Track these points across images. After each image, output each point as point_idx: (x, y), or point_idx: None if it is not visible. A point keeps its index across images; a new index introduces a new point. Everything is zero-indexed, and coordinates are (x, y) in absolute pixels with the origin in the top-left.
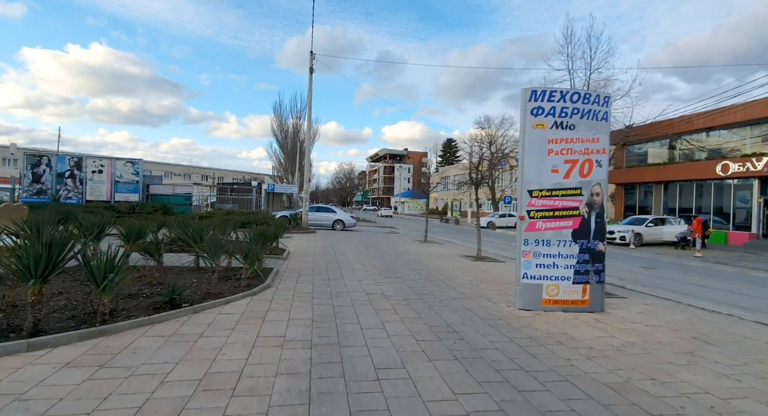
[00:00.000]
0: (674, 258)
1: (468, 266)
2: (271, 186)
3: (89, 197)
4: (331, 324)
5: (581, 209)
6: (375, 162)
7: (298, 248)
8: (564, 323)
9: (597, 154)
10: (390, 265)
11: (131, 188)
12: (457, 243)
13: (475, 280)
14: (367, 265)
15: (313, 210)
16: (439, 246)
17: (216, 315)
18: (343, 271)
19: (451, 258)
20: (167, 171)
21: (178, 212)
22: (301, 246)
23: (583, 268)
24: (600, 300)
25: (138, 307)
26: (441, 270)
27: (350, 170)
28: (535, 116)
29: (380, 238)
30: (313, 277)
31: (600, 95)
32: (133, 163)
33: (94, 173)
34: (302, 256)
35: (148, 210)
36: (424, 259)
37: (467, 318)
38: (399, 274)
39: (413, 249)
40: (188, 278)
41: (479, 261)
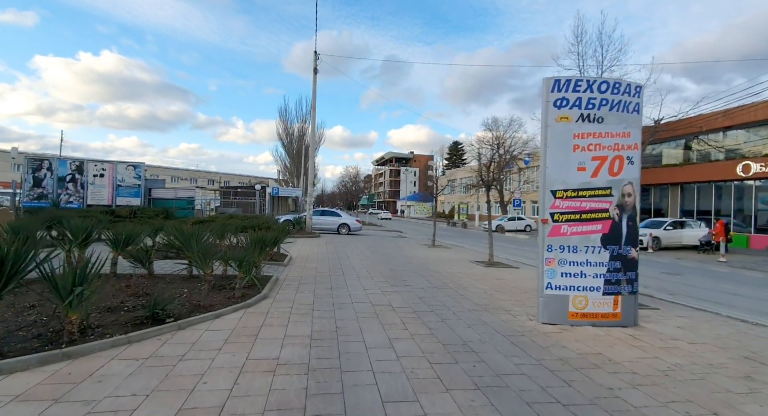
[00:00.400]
0: (697, 264)
1: (480, 273)
2: (275, 189)
3: (91, 201)
4: (333, 343)
5: (611, 211)
6: (381, 165)
7: (300, 253)
8: (596, 340)
9: (628, 149)
10: (397, 272)
11: (133, 192)
12: (466, 248)
13: (490, 289)
14: (373, 272)
15: (317, 214)
16: (448, 251)
17: (203, 331)
18: (347, 279)
19: (462, 264)
20: (174, 175)
21: (180, 216)
22: (304, 252)
23: (614, 277)
24: (633, 313)
25: (116, 323)
26: (452, 278)
27: (356, 174)
28: (559, 108)
29: (387, 243)
30: (315, 286)
31: (631, 84)
32: (135, 167)
33: (96, 177)
34: (305, 262)
35: (150, 214)
36: (433, 265)
37: (486, 335)
38: (407, 282)
39: (421, 254)
40: (179, 288)
41: (491, 267)
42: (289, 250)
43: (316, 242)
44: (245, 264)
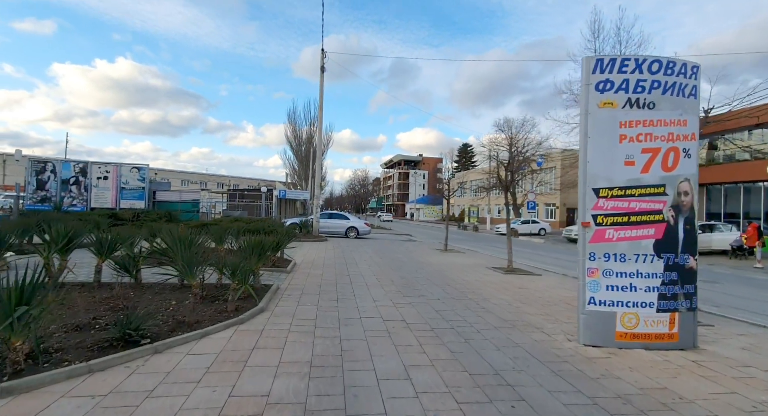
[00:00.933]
0: (731, 270)
1: (500, 281)
2: (282, 192)
3: (94, 204)
4: (337, 372)
5: (665, 213)
6: (389, 168)
7: (306, 259)
8: (655, 369)
9: (684, 140)
10: (410, 280)
11: (137, 195)
12: (480, 253)
13: (514, 300)
14: (383, 280)
15: (324, 217)
16: (462, 256)
17: (183, 356)
18: (355, 288)
19: (478, 271)
20: (185, 179)
21: (185, 219)
22: (309, 257)
23: (670, 291)
24: (692, 333)
25: (81, 346)
26: (470, 287)
27: (364, 177)
28: (602, 92)
29: (396, 247)
30: (319, 297)
31: (687, 63)
32: (139, 169)
33: (99, 179)
34: (309, 269)
35: (153, 217)
36: (448, 272)
37: (520, 361)
38: (421, 292)
39: (433, 259)
40: (167, 299)
41: (511, 274)
42: (294, 255)
43: (323, 246)
44: (240, 272)
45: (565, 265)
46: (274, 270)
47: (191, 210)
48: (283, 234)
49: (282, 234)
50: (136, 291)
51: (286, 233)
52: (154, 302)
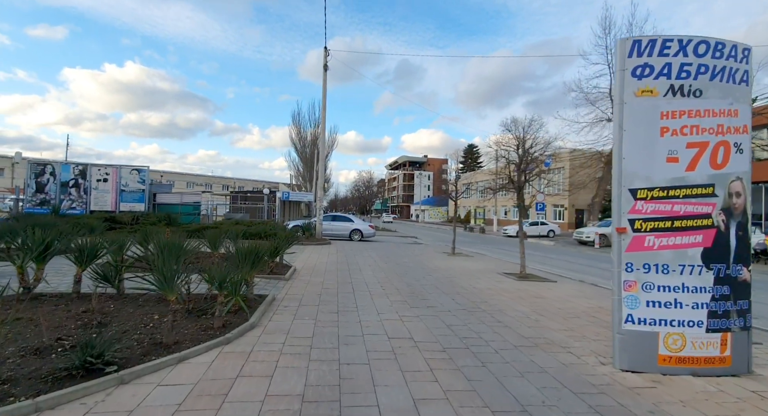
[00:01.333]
0: (760, 276)
1: (514, 288)
2: (286, 194)
3: (93, 207)
4: (333, 409)
5: (715, 217)
6: (394, 170)
7: (307, 264)
8: (711, 403)
9: (736, 133)
10: (416, 288)
11: (137, 197)
12: (489, 257)
13: (532, 312)
14: (388, 288)
15: (328, 220)
16: (471, 261)
17: (153, 387)
18: (357, 298)
19: (489, 277)
20: (190, 181)
21: (185, 222)
22: (311, 262)
23: (721, 308)
24: (746, 355)
25: (34, 376)
26: (482, 295)
27: (369, 178)
28: (640, 78)
29: (402, 250)
30: (318, 309)
31: (738, 46)
32: (139, 171)
33: (99, 182)
34: (310, 275)
35: (153, 220)
36: (458, 278)
37: (550, 392)
38: (429, 302)
39: (441, 264)
40: (150, 313)
41: (524, 280)
42: (295, 260)
43: (325, 250)
44: (229, 283)
45: (579, 270)
46: (271, 277)
47: (192, 212)
48: (283, 238)
49: (282, 239)
50: (117, 304)
51: (285, 237)
52: (134, 317)
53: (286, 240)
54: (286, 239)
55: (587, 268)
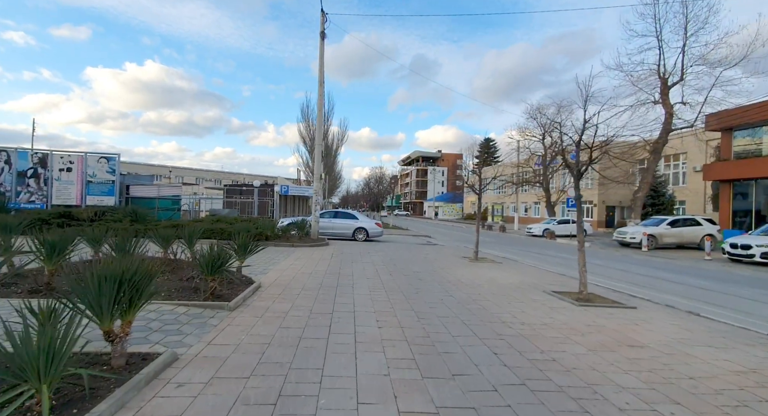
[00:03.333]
0: None
1: (583, 324)
2: (284, 188)
3: (56, 201)
4: None
5: None
6: (407, 165)
7: (282, 277)
8: None
9: None
10: (432, 326)
11: (106, 190)
12: (520, 262)
13: (646, 385)
14: (387, 327)
15: (329, 216)
16: (500, 269)
17: None
18: (331, 356)
19: (536, 298)
20: (199, 176)
21: (162, 219)
22: (290, 273)
23: None
24: None
25: None
26: (541, 342)
27: (381, 174)
28: None
29: (413, 253)
30: (245, 386)
31: None
32: (108, 159)
33: (62, 171)
34: (273, 301)
35: (118, 216)
36: (492, 302)
37: None
38: (455, 358)
39: (463, 275)
40: None
41: (587, 305)
42: (269, 270)
43: (318, 254)
44: None
45: (646, 284)
46: (205, 306)
47: (171, 207)
48: (242, 241)
49: (241, 242)
50: None
51: (244, 242)
52: None
53: (242, 248)
54: (243, 245)
55: (656, 282)
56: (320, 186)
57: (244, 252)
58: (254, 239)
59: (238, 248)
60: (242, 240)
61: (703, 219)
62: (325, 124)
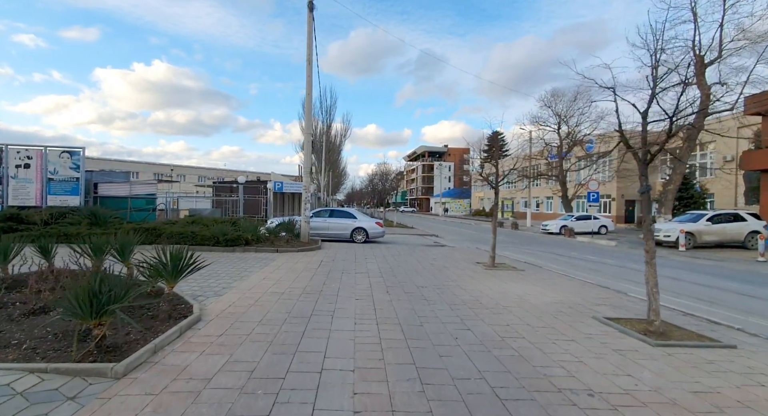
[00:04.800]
0: None
1: (677, 380)
2: (278, 184)
3: (13, 201)
4: None
5: None
6: (413, 161)
7: (244, 298)
8: None
9: None
10: (446, 391)
11: (69, 188)
12: (545, 269)
13: None
14: (373, 398)
15: (323, 216)
16: (524, 280)
17: None
18: None
19: (587, 330)
20: (201, 175)
21: (134, 220)
22: (257, 291)
23: None
24: None
25: None
26: None
27: (386, 171)
28: None
29: (418, 259)
30: None
31: None
32: (71, 154)
33: (19, 168)
34: (212, 344)
35: (77, 219)
36: (526, 340)
37: None
38: None
39: (481, 289)
40: None
41: (668, 343)
42: (231, 287)
43: (304, 261)
44: None
45: (719, 300)
46: (76, 371)
47: (145, 207)
48: (177, 256)
49: (174, 257)
50: None
51: (175, 258)
52: None
53: (173, 266)
54: (175, 261)
55: (726, 296)
56: (310, 181)
57: (174, 272)
58: (228, 244)
59: (165, 265)
60: (173, 257)
61: (748, 214)
62: (328, 119)
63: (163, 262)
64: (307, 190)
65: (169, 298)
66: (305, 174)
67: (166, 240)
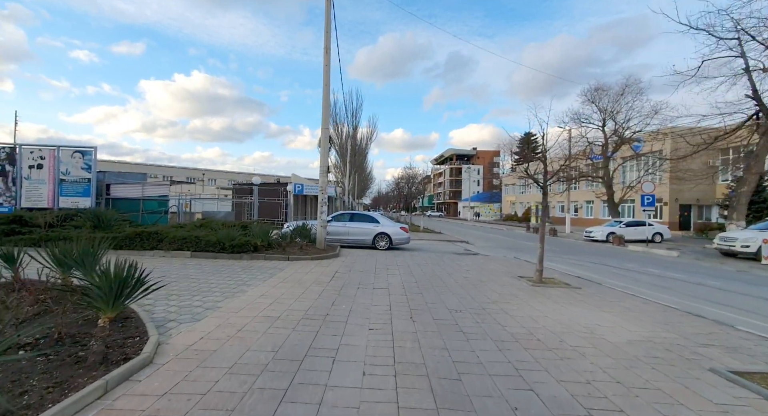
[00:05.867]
0: None
1: None
2: (298, 187)
3: (26, 203)
4: None
5: None
6: (440, 164)
7: (226, 326)
8: None
9: None
10: None
11: (81, 190)
12: (604, 285)
13: None
14: None
15: (342, 220)
16: (587, 303)
17: None
18: None
19: (716, 398)
20: (231, 179)
21: (147, 223)
22: (247, 314)
23: None
24: None
25: None
26: None
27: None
28: None
29: (448, 270)
30: None
31: None
32: (83, 154)
33: (32, 169)
34: (146, 414)
35: (80, 222)
36: (622, 413)
37: None
38: None
39: (535, 317)
40: None
41: None
42: (217, 308)
43: (316, 272)
44: None
45: None
46: None
47: (157, 210)
48: (112, 278)
49: (106, 281)
50: None
51: (110, 280)
52: None
53: (107, 288)
54: (111, 283)
55: None
56: (326, 181)
57: (115, 295)
58: (234, 250)
59: (100, 287)
60: (105, 280)
61: None
62: (354, 121)
63: (97, 283)
64: (323, 191)
65: (103, 335)
66: (321, 173)
67: (167, 245)
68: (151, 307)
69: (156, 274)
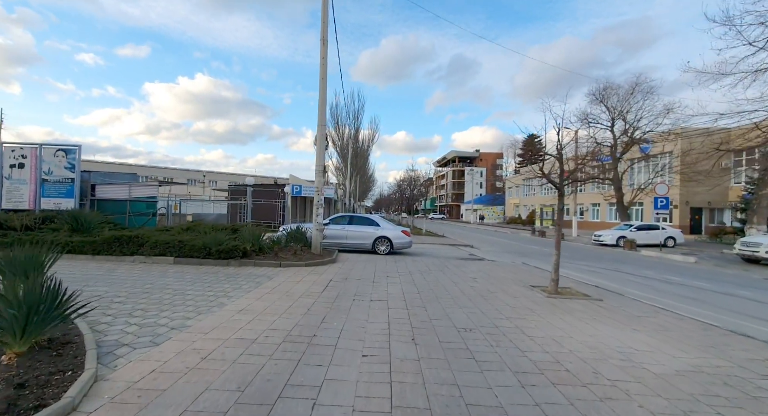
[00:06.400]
0: None
1: None
2: (296, 188)
3: (6, 204)
4: None
5: None
6: (442, 166)
7: (188, 352)
8: None
9: None
10: None
11: (64, 190)
12: (626, 296)
13: None
14: None
15: (341, 223)
16: (610, 317)
17: None
18: None
19: None
20: (231, 181)
21: (134, 225)
22: (218, 336)
23: None
24: None
25: None
26: None
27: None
28: None
29: (452, 277)
30: None
31: None
32: (67, 152)
33: (13, 168)
34: None
35: (60, 225)
36: None
37: None
38: None
39: (554, 334)
40: None
41: None
42: (184, 328)
43: (308, 281)
44: None
45: None
46: None
47: (145, 212)
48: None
49: None
50: None
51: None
52: None
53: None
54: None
55: None
56: (322, 181)
57: (20, 328)
58: (222, 256)
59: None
60: (6, 303)
61: None
62: (355, 123)
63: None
64: (319, 192)
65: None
66: (317, 173)
67: (149, 250)
68: (106, 326)
69: (126, 285)
